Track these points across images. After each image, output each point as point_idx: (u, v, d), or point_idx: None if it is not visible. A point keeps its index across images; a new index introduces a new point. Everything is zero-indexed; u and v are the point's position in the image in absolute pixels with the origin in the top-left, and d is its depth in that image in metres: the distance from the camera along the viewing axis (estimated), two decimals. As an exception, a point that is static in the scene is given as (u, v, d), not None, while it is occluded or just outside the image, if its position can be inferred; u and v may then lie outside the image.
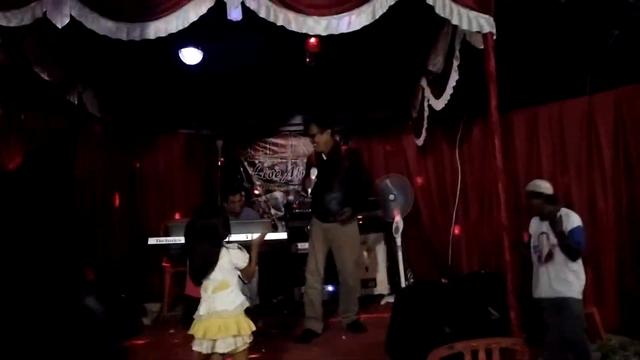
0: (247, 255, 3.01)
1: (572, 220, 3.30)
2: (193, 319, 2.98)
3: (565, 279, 3.26)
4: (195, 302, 3.30)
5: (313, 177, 4.41)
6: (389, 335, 3.62)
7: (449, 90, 4.18)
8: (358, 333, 4.44)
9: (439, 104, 4.51)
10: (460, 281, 3.73)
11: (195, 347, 2.91)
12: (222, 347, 2.86)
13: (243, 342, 2.90)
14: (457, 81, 4.07)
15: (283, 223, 6.33)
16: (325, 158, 4.56)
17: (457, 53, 3.88)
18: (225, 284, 2.92)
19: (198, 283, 2.93)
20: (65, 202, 5.01)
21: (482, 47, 3.39)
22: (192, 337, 2.94)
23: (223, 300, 2.90)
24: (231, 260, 2.94)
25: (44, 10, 3.12)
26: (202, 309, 2.91)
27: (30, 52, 3.87)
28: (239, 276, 3.01)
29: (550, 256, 3.32)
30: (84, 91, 4.92)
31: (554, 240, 3.31)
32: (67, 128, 4.74)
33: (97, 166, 5.51)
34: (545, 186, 3.47)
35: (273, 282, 5.67)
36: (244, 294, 3.09)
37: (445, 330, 2.99)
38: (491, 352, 2.29)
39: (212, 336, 2.83)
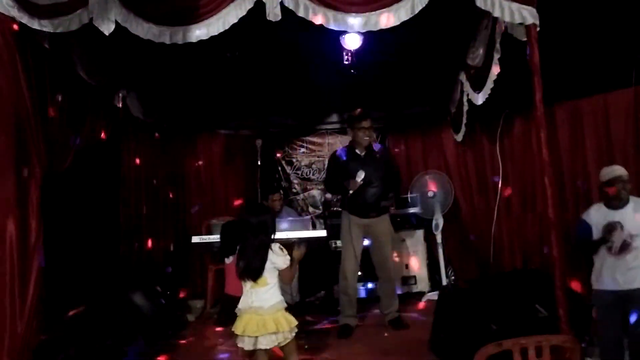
0: (288, 257, 3.05)
1: None
2: (229, 317, 3.06)
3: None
4: (233, 300, 3.39)
5: (359, 179, 4.36)
6: (432, 333, 3.60)
7: (489, 84, 4.09)
8: (400, 330, 4.41)
9: (479, 99, 4.43)
10: (505, 278, 3.66)
11: (239, 344, 2.98)
12: (264, 344, 2.91)
13: (284, 337, 2.94)
14: (497, 75, 4.00)
15: (321, 221, 6.35)
16: (361, 154, 4.55)
17: (497, 46, 3.79)
18: (264, 281, 2.97)
19: (254, 279, 2.96)
20: (112, 202, 5.16)
21: (524, 39, 3.31)
22: (234, 334, 3.00)
23: (260, 297, 2.95)
24: (272, 259, 2.99)
25: (90, 16, 3.21)
26: (241, 303, 2.99)
27: (77, 57, 4.00)
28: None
29: (625, 247, 3.21)
30: (127, 95, 5.07)
31: (632, 230, 3.20)
32: (113, 130, 4.88)
33: (141, 167, 5.65)
34: (624, 170, 3.35)
35: (313, 280, 5.70)
36: (284, 291, 3.13)
37: (492, 328, 2.94)
38: (541, 349, 2.25)
39: (251, 333, 2.89)
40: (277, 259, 3.00)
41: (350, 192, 4.39)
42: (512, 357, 2.24)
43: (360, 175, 4.36)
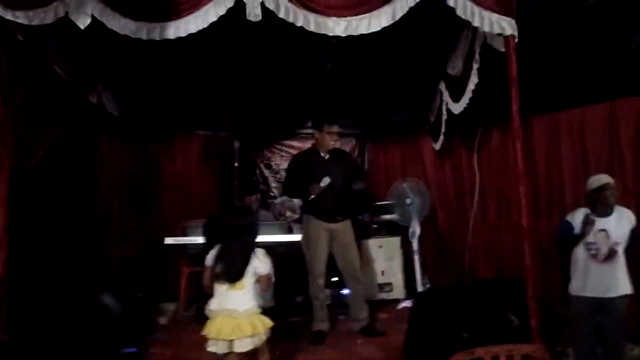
0: (270, 264, 3.02)
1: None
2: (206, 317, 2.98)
3: (622, 278, 3.25)
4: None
5: (324, 184, 4.32)
6: (406, 340, 3.58)
7: (467, 94, 4.13)
8: (373, 337, 4.34)
9: (458, 108, 4.47)
10: (479, 286, 3.68)
11: (211, 348, 2.90)
12: (240, 347, 2.86)
13: (259, 339, 2.90)
14: (476, 85, 4.03)
15: (299, 225, 6.31)
16: (325, 157, 4.55)
17: (477, 56, 3.83)
18: (241, 285, 2.93)
19: (234, 281, 2.91)
20: (83, 201, 5.05)
21: (503, 50, 3.34)
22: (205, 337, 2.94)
23: (235, 300, 2.91)
24: (254, 263, 2.96)
25: (66, 10, 3.15)
26: (213, 304, 2.94)
27: (51, 51, 3.92)
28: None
29: (611, 255, 3.25)
30: (103, 91, 4.98)
31: (616, 238, 3.26)
32: (86, 127, 4.78)
33: (115, 165, 5.55)
34: (612, 180, 3.38)
35: (289, 284, 5.64)
36: (260, 295, 3.08)
37: (463, 335, 2.95)
38: (512, 358, 2.25)
39: (226, 337, 2.84)
40: (260, 264, 2.98)
41: (312, 196, 4.36)
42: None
43: (326, 181, 4.34)
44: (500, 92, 3.97)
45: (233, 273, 2.92)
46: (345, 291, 5.42)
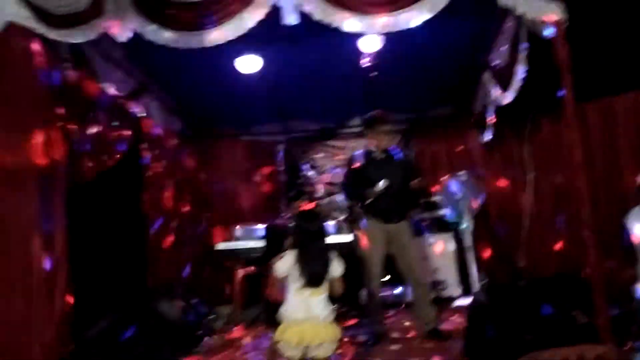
0: (343, 265, 3.02)
1: None
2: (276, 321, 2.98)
3: None
4: (275, 306, 3.32)
5: (378, 189, 4.19)
6: (465, 341, 3.47)
7: (515, 84, 3.97)
8: (441, 340, 4.12)
9: (505, 99, 4.31)
10: (539, 283, 3.52)
11: (287, 354, 2.88)
12: (319, 353, 2.84)
13: (334, 346, 2.90)
14: (524, 73, 3.87)
15: (346, 225, 6.27)
16: (379, 157, 4.43)
17: (522, 44, 3.68)
18: (321, 290, 2.92)
19: (317, 285, 2.89)
20: (137, 211, 5.18)
21: (550, 36, 3.18)
22: (259, 337, 2.93)
23: (319, 306, 2.89)
24: (332, 267, 2.95)
25: (106, 26, 3.22)
26: (297, 312, 2.88)
27: (98, 67, 4.03)
28: None
29: None
30: (150, 103, 5.09)
31: None
32: (135, 140, 4.90)
33: (164, 175, 5.67)
34: None
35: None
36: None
37: (526, 338, 2.81)
38: (582, 360, 2.13)
39: (308, 342, 2.82)
40: (335, 267, 2.97)
41: (368, 200, 4.26)
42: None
43: (381, 185, 4.22)
44: (549, 79, 3.85)
45: (315, 278, 2.90)
46: (397, 290, 5.38)
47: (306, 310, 2.87)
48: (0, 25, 3.09)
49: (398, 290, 5.42)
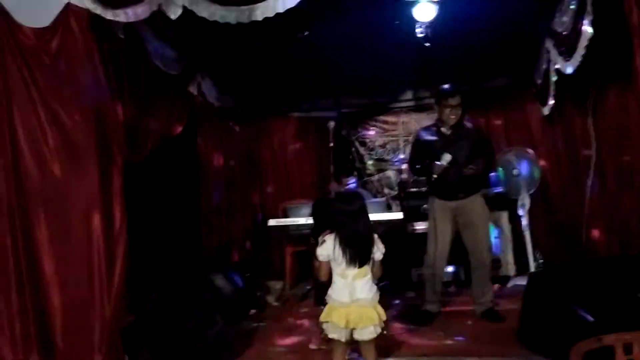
0: (384, 248, 2.97)
1: None
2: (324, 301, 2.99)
3: None
4: (324, 285, 3.34)
5: (444, 162, 4.05)
6: (521, 323, 3.36)
7: (580, 51, 3.69)
8: (495, 322, 4.04)
9: (569, 67, 4.04)
10: (601, 264, 3.34)
11: (333, 335, 2.89)
12: (363, 335, 2.84)
13: (380, 329, 2.87)
14: (590, 40, 3.61)
15: (397, 202, 6.19)
16: (447, 133, 4.25)
17: (589, 8, 3.42)
18: (364, 271, 2.89)
19: (362, 265, 2.88)
20: (192, 188, 5.30)
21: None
22: (311, 315, 2.95)
23: (363, 288, 2.86)
24: (375, 248, 2.91)
25: (159, 2, 3.25)
26: (342, 296, 2.87)
27: (150, 46, 4.08)
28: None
29: None
30: (202, 81, 5.15)
31: None
32: (190, 117, 4.98)
33: (218, 153, 5.76)
34: None
35: (389, 263, 5.57)
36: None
37: (588, 319, 2.68)
38: (649, 346, 2.00)
39: (355, 325, 2.82)
40: (377, 250, 2.94)
41: (435, 176, 4.13)
42: (614, 353, 2.00)
43: (446, 158, 4.06)
44: (617, 46, 3.58)
45: (357, 259, 2.87)
46: (450, 269, 5.27)
47: (350, 294, 2.85)
48: (58, 7, 3.18)
49: (451, 268, 5.31)
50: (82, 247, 3.19)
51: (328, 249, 2.92)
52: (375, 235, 2.97)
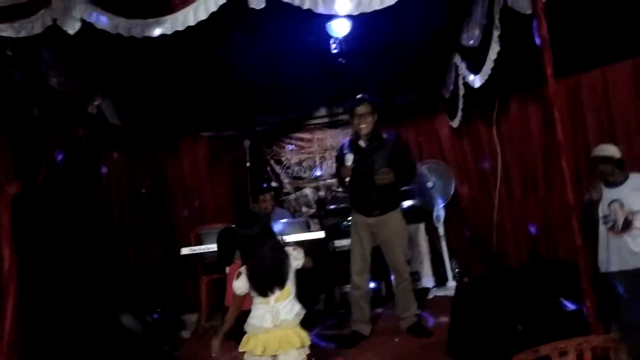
0: (301, 250, 2.82)
1: None
2: (241, 332, 2.76)
3: None
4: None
5: (349, 163, 4.00)
6: (450, 336, 3.34)
7: (489, 64, 3.84)
8: (422, 337, 3.98)
9: (477, 81, 4.19)
10: (521, 271, 3.43)
11: None
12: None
13: (304, 354, 2.68)
14: (497, 54, 3.75)
15: (316, 221, 6.09)
16: (364, 145, 4.19)
17: (497, 22, 3.55)
18: (287, 292, 2.71)
19: (281, 285, 2.69)
20: (92, 216, 4.84)
21: (528, 12, 3.06)
22: (232, 348, 2.74)
23: (285, 310, 2.68)
24: (291, 263, 2.74)
25: (54, 17, 2.94)
26: (265, 322, 2.66)
27: (44, 64, 3.70)
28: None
29: (627, 224, 3.15)
30: (102, 101, 4.76)
31: (631, 206, 3.16)
32: (89, 140, 4.57)
33: (121, 177, 5.34)
34: (613, 150, 3.31)
35: (312, 284, 5.43)
36: None
37: (518, 328, 2.70)
38: (582, 353, 2.02)
39: (273, 352, 2.61)
40: (295, 260, 2.76)
41: (347, 180, 4.07)
42: (550, 361, 2.00)
43: (349, 159, 4.01)
44: (520, 58, 3.74)
45: (277, 278, 2.70)
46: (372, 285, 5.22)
47: (274, 318, 2.66)
48: None
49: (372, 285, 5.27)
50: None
51: (243, 280, 2.74)
52: (290, 248, 2.81)
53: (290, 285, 2.74)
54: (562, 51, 4.28)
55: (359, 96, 4.26)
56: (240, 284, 2.75)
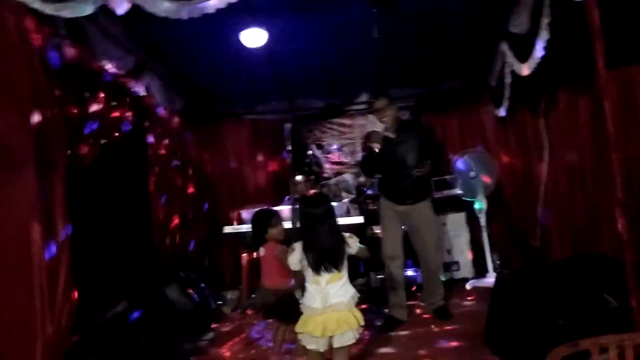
0: (356, 238, 2.89)
1: None
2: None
3: None
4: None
5: (379, 140, 4.14)
6: (488, 326, 3.32)
7: (537, 53, 3.74)
8: (446, 319, 4.12)
9: (525, 69, 4.08)
10: (564, 265, 3.36)
11: (311, 346, 2.74)
12: (343, 342, 2.71)
13: (357, 334, 2.76)
14: (545, 43, 3.64)
15: (356, 206, 6.11)
16: (392, 136, 4.23)
17: (546, 9, 3.45)
18: (339, 276, 2.76)
19: (335, 268, 2.75)
20: (142, 196, 5.02)
21: (578, -1, 2.96)
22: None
23: (338, 292, 2.73)
24: (346, 248, 2.80)
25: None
26: (314, 302, 2.73)
27: (97, 44, 3.82)
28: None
29: None
30: (151, 82, 4.89)
31: None
32: (137, 119, 4.71)
33: (168, 158, 5.49)
34: None
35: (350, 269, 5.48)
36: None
37: (558, 322, 2.66)
38: (624, 350, 1.98)
39: (332, 332, 2.68)
40: (350, 247, 2.83)
41: (376, 150, 4.16)
42: (590, 357, 1.97)
43: (379, 136, 4.17)
44: (572, 47, 3.61)
45: (333, 257, 2.75)
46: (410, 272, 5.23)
47: (323, 299, 2.72)
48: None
49: (410, 272, 5.28)
50: (19, 262, 2.88)
51: (297, 256, 2.82)
52: (347, 234, 2.87)
53: (344, 270, 2.80)
54: (615, 41, 4.16)
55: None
56: (294, 260, 2.84)
